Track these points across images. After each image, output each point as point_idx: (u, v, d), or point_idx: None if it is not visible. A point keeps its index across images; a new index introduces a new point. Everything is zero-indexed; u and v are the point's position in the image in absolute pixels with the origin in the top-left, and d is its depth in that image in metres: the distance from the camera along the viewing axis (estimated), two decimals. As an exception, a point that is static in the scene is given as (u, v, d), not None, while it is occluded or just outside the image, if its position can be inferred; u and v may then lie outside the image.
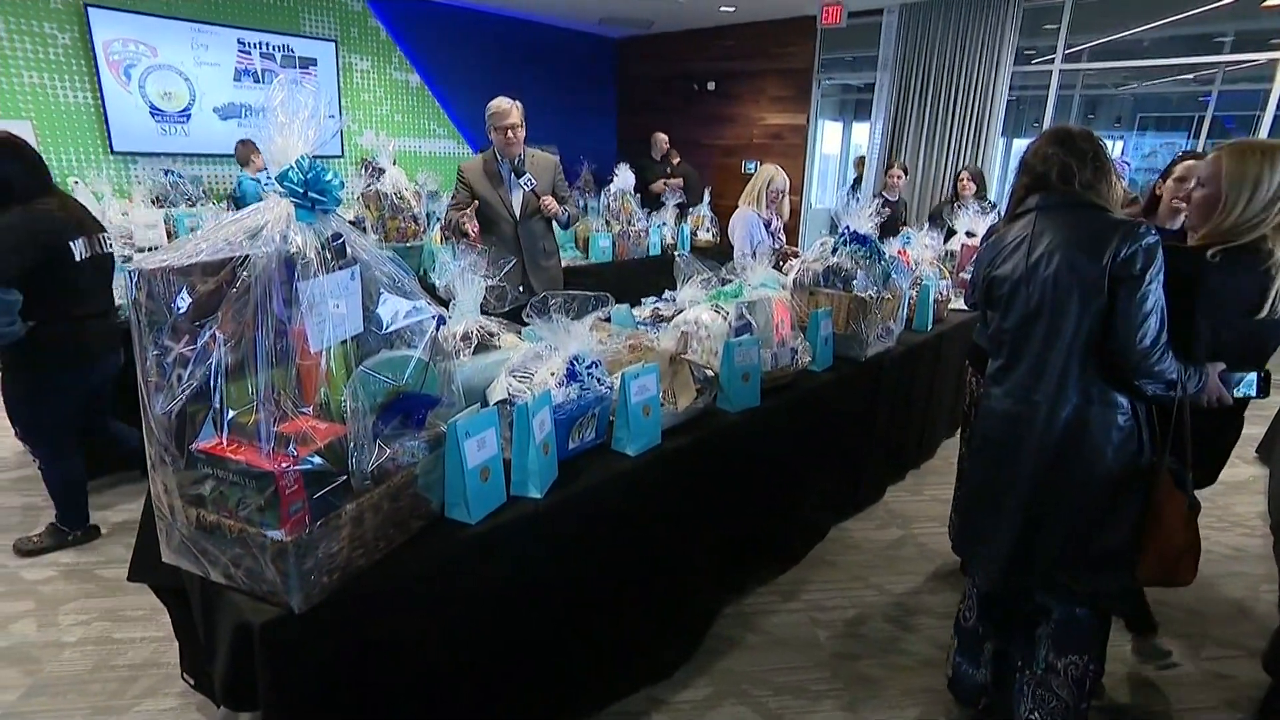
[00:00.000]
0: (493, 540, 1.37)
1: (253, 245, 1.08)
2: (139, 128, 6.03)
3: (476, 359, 1.65)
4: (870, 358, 2.52)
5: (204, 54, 6.31)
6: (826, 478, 2.59)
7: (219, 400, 1.04)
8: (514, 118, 3.12)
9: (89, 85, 5.70)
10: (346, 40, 7.16)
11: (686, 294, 2.25)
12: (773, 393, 2.08)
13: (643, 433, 1.67)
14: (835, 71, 7.81)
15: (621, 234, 5.08)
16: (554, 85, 8.98)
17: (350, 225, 1.24)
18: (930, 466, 3.48)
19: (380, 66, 7.51)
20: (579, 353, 1.59)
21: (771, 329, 2.08)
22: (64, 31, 5.51)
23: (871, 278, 2.39)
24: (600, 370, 1.62)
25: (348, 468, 1.10)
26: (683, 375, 1.83)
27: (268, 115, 1.14)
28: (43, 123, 5.55)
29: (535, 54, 8.74)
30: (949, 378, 3.35)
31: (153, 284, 1.04)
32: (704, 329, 1.97)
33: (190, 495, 1.09)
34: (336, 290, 1.11)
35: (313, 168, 1.12)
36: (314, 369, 1.10)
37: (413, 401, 1.25)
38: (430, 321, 1.29)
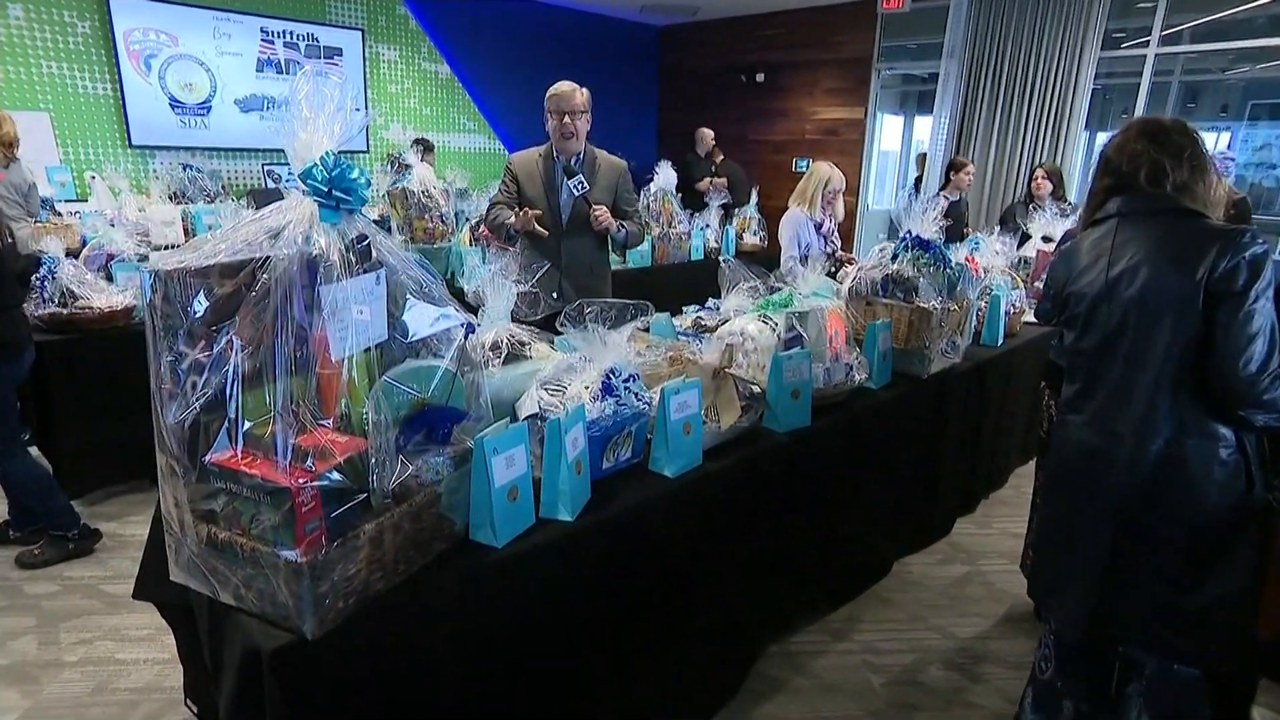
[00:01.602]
0: (520, 565, 1.37)
1: (274, 246, 1.10)
2: (158, 120, 6.28)
3: (506, 370, 1.66)
4: (933, 375, 2.47)
5: (226, 44, 6.54)
6: (884, 506, 2.54)
7: (234, 410, 1.06)
8: (576, 102, 2.87)
9: (108, 76, 5.96)
10: (374, 29, 7.36)
11: (732, 303, 2.24)
12: (825, 412, 2.06)
13: (683, 453, 1.66)
14: (896, 61, 7.72)
15: (662, 237, 5.09)
16: (591, 77, 8.98)
17: (375, 225, 1.26)
18: (1001, 497, 3.38)
19: (409, 57, 7.69)
20: (615, 365, 1.58)
21: (824, 342, 2.06)
22: (84, 20, 5.77)
23: (935, 287, 2.35)
24: (638, 384, 1.62)
25: (368, 485, 1.11)
26: (727, 391, 1.81)
27: (291, 109, 1.17)
28: (60, 115, 5.81)
29: (572, 44, 8.86)
30: (1022, 399, 3.26)
31: (169, 286, 1.07)
32: (750, 341, 1.96)
33: (201, 510, 1.11)
34: (360, 295, 1.13)
35: (337, 165, 1.14)
36: (335, 378, 1.12)
37: (438, 415, 1.26)
38: (459, 330, 1.30)
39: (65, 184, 5.57)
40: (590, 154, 3.00)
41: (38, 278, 2.92)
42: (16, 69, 5.51)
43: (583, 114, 2.90)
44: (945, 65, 6.96)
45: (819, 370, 2.03)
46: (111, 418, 2.98)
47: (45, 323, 2.90)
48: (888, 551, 2.73)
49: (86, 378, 2.95)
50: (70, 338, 2.92)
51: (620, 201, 3.05)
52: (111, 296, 3.00)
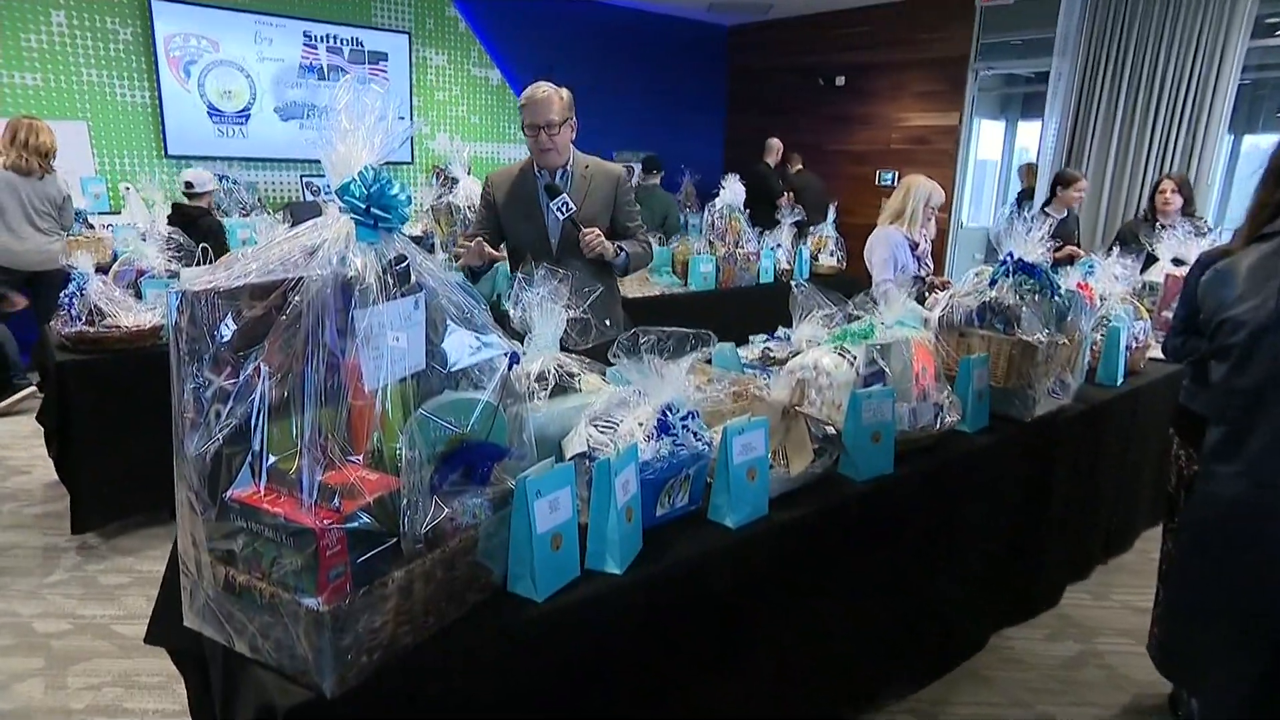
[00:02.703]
0: (562, 621, 1.36)
1: (307, 266, 1.13)
2: (195, 129, 6.64)
3: (553, 403, 1.67)
4: (1038, 418, 2.40)
5: (267, 48, 6.90)
6: (981, 570, 2.45)
7: (259, 442, 1.09)
8: (552, 113, 2.66)
9: (148, 84, 6.34)
10: (421, 32, 7.65)
11: (804, 332, 2.21)
12: (910, 458, 2.01)
13: (746, 501, 1.63)
14: (997, 59, 7.60)
15: (727, 257, 5.09)
16: (653, 82, 9.24)
17: (415, 244, 1.29)
18: (1123, 563, 3.23)
19: (458, 62, 7.97)
20: (673, 401, 1.57)
21: (910, 378, 2.02)
22: (126, 26, 6.17)
23: (1041, 317, 2.28)
24: (697, 423, 1.60)
25: (398, 528, 1.12)
26: (798, 432, 1.79)
27: (329, 119, 1.21)
28: (98, 124, 6.20)
29: (633, 45, 9.04)
30: (1148, 448, 3.12)
31: (196, 307, 1.11)
32: (825, 376, 1.93)
33: (219, 551, 1.14)
34: (397, 320, 1.15)
35: (377, 180, 1.17)
36: (367, 410, 1.14)
37: (477, 452, 1.27)
38: (502, 359, 1.32)
39: (100, 196, 5.93)
40: (578, 164, 2.82)
41: (66, 294, 3.10)
42: (57, 77, 5.92)
43: (563, 124, 2.71)
44: (1056, 63, 6.79)
45: (903, 410, 1.99)
46: (134, 444, 3.11)
47: (71, 341, 3.06)
48: (983, 622, 2.63)
49: (110, 401, 3.10)
50: (95, 358, 3.07)
51: (620, 216, 2.88)
52: (139, 315, 3.15)
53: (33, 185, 4.63)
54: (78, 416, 3.08)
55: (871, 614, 2.07)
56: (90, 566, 3.05)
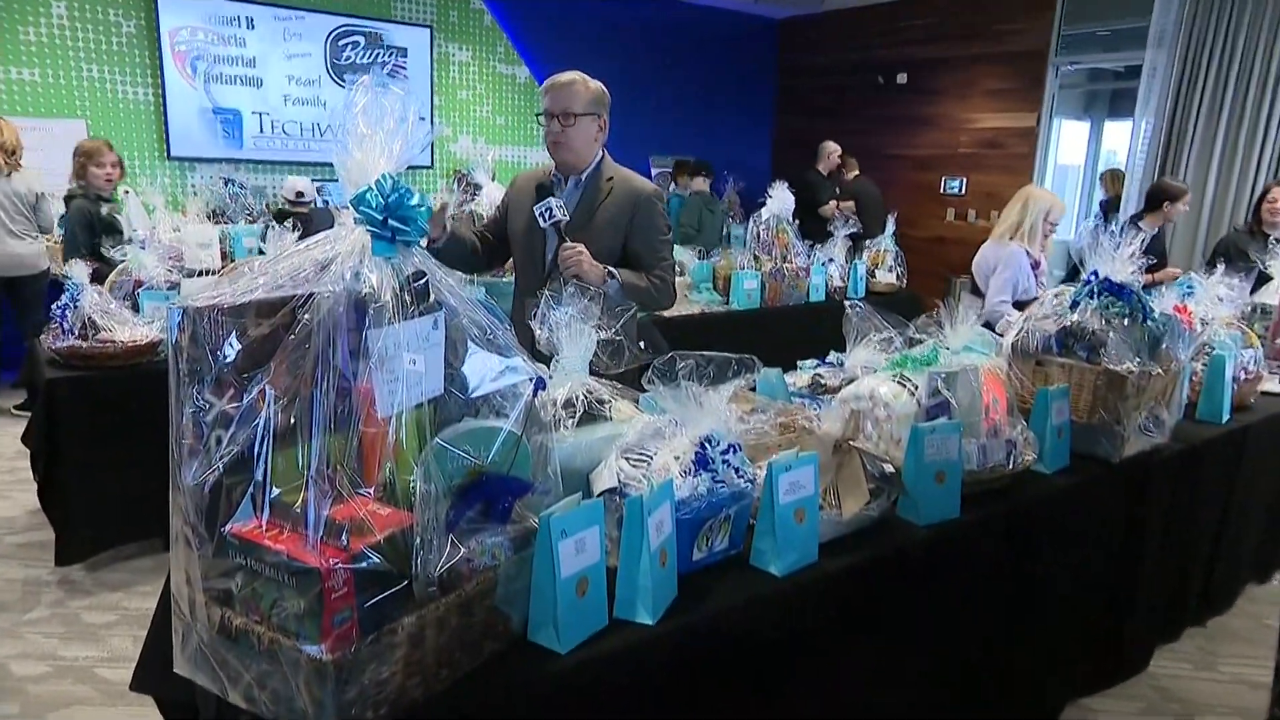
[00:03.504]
0: (587, 676, 1.35)
1: (318, 281, 1.16)
2: (200, 129, 6.85)
3: (580, 433, 1.67)
4: (1128, 459, 2.35)
5: (277, 43, 7.12)
6: (1058, 628, 2.40)
7: (262, 472, 1.11)
8: (572, 100, 2.56)
9: (151, 80, 6.56)
10: (444, 26, 7.82)
11: (859, 357, 2.21)
12: (979, 501, 1.99)
13: (793, 545, 1.62)
14: (1082, 52, 7.53)
15: (774, 273, 5.09)
16: (695, 82, 9.33)
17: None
18: (1226, 626, 3.13)
19: (482, 58, 8.13)
20: (712, 432, 1.57)
21: (979, 411, 2.00)
22: (129, 19, 6.40)
23: (1131, 344, 2.25)
24: (739, 457, 1.60)
25: (411, 569, 1.13)
26: (851, 469, 1.77)
27: (346, 125, 1.24)
28: (97, 122, 6.41)
29: (673, 41, 9.14)
30: (1256, 494, 3.05)
31: (198, 324, 1.14)
32: (883, 407, 1.92)
33: (216, 590, 1.16)
34: (414, 341, 1.17)
35: (395, 190, 1.20)
36: (379, 439, 1.15)
37: (497, 486, 1.28)
38: (526, 384, 1.33)
39: (97, 201, 6.08)
40: (602, 173, 2.70)
41: (58, 306, 3.19)
42: (55, 73, 6.14)
43: (586, 116, 2.58)
44: (1150, 56, 6.69)
45: (971, 447, 1.97)
46: (125, 470, 3.18)
47: (62, 357, 3.15)
48: (1060, 688, 2.57)
49: (101, 421, 3.18)
50: (86, 375, 3.16)
51: (634, 242, 2.66)
52: (136, 329, 3.24)
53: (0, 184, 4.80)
54: (66, 438, 3.16)
55: (931, 675, 2.03)
56: (74, 603, 3.12)
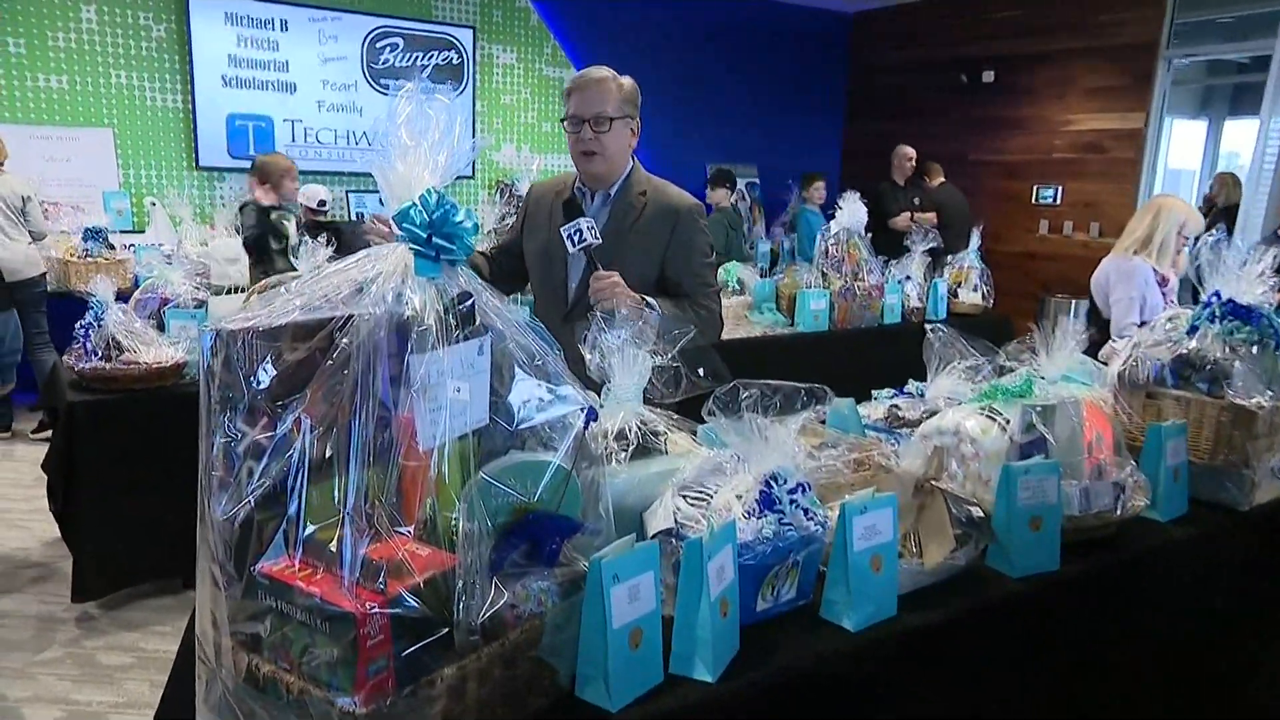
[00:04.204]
0: (638, 740, 1.35)
1: (358, 303, 1.19)
2: (229, 137, 7.08)
3: (634, 468, 1.68)
4: (1259, 507, 2.28)
5: (311, 46, 7.34)
6: (1172, 699, 2.32)
7: (296, 507, 1.13)
8: (604, 102, 2.43)
9: (180, 87, 6.81)
10: (487, 26, 7.99)
11: (942, 387, 2.17)
12: (1081, 551, 1.94)
13: (869, 597, 1.60)
14: (1198, 43, 7.36)
15: (844, 292, 5.06)
16: (757, 83, 9.39)
17: (480, 277, 1.33)
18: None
19: (528, 60, 8.28)
20: (779, 469, 1.56)
21: (1080, 450, 1.96)
22: (160, 22, 6.66)
23: (1261, 374, 2.19)
24: (808, 497, 1.58)
25: (452, 615, 1.15)
26: (934, 513, 1.75)
27: (388, 136, 1.27)
28: (124, 131, 6.68)
29: (734, 40, 9.21)
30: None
31: (232, 349, 1.17)
32: (969, 443, 1.89)
33: (244, 635, 1.18)
34: (459, 368, 1.19)
35: (440, 205, 1.22)
36: (421, 473, 1.17)
37: (545, 525, 1.29)
38: (577, 415, 1.34)
39: (123, 212, 6.36)
40: (634, 186, 2.59)
41: (82, 325, 3.31)
42: (83, 79, 6.41)
43: (617, 121, 2.46)
44: (1284, 47, 6.49)
45: (1072, 490, 1.92)
46: (146, 500, 3.28)
47: (85, 378, 3.27)
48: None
49: (121, 448, 3.29)
50: (107, 397, 3.27)
51: (673, 266, 2.56)
52: (161, 349, 3.35)
53: None
54: (85, 466, 3.27)
55: (1028, 748, 1.98)
56: (89, 642, 3.21)
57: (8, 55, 6.14)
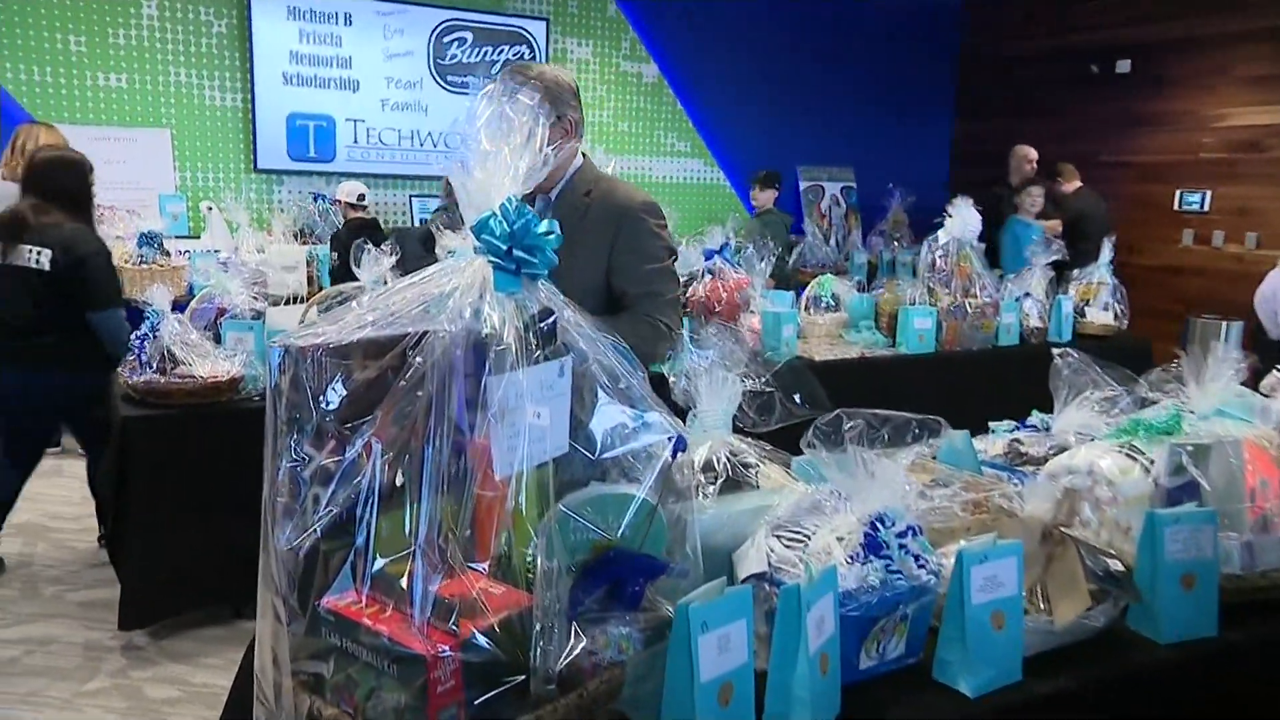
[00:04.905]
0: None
1: (433, 319, 1.21)
2: (288, 138, 7.30)
3: (723, 503, 1.67)
4: None
5: (376, 42, 7.54)
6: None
7: (364, 538, 1.16)
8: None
9: (240, 85, 7.07)
10: (561, 18, 8.12)
11: (1072, 419, 2.14)
12: (1244, 615, 1.85)
13: (989, 658, 1.56)
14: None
15: (954, 309, 4.97)
16: (854, 78, 9.34)
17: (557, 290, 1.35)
18: None
19: (604, 54, 8.38)
20: (886, 510, 1.54)
21: (1241, 496, 1.88)
22: (221, 18, 6.93)
23: None
24: (920, 542, 1.55)
25: (528, 659, 1.15)
26: (1065, 565, 1.69)
27: (467, 140, 1.30)
28: (182, 132, 6.95)
29: (828, 31, 9.19)
30: None
31: (301, 367, 1.21)
32: (1106, 485, 1.84)
33: (305, 675, 1.21)
34: (538, 391, 1.20)
35: (521, 215, 1.24)
36: (497, 505, 1.19)
37: (627, 565, 1.30)
38: (664, 445, 1.34)
39: (179, 216, 6.60)
40: (574, 186, 2.58)
41: (138, 336, 3.44)
42: (142, 78, 6.70)
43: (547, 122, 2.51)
44: None
45: (1232, 544, 1.85)
46: (196, 522, 3.38)
47: (139, 393, 3.39)
48: None
49: (173, 467, 3.40)
50: (160, 413, 3.38)
51: (616, 276, 2.54)
52: (217, 363, 3.45)
53: None
54: (137, 485, 3.38)
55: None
56: (135, 673, 3.32)
57: (68, 54, 6.45)
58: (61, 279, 3.79)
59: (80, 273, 3.78)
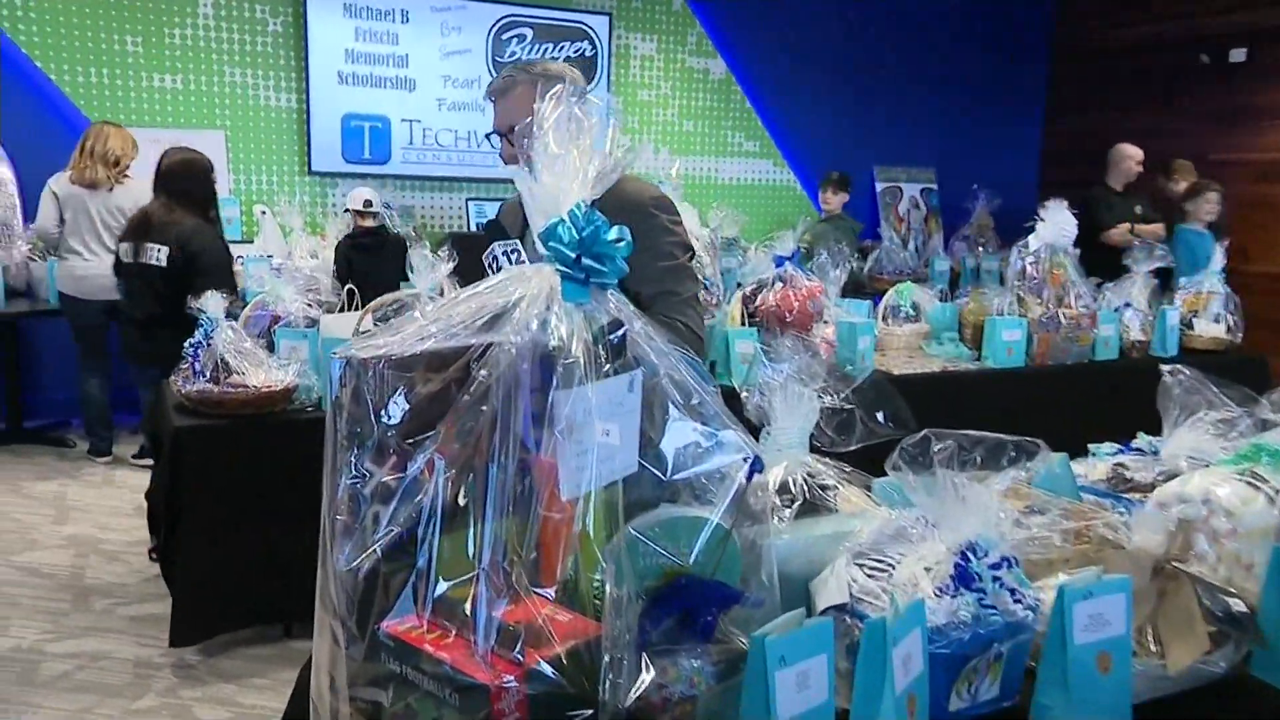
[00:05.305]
0: None
1: (498, 330, 1.21)
2: (344, 140, 7.44)
3: (799, 528, 1.66)
4: None
5: (433, 39, 7.65)
6: None
7: (426, 559, 1.16)
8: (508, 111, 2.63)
9: (295, 85, 7.22)
10: (625, 13, 8.16)
11: (1183, 442, 2.08)
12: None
13: (1094, 704, 1.51)
14: None
15: (1046, 321, 4.88)
16: (935, 71, 9.23)
17: (626, 299, 1.34)
18: None
19: (669, 50, 8.40)
20: (978, 538, 1.50)
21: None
22: (276, 16, 7.09)
23: None
24: (1015, 574, 1.52)
25: (596, 692, 1.15)
26: (1179, 603, 1.65)
27: (534, 144, 1.30)
28: (236, 134, 7.12)
29: (909, 22, 9.11)
30: None
31: (363, 380, 1.22)
32: (1224, 516, 1.78)
33: (363, 702, 1.22)
34: (607, 407, 1.20)
35: (590, 222, 1.24)
36: (563, 527, 1.18)
37: (700, 593, 1.28)
38: (739, 465, 1.33)
39: (232, 220, 6.75)
40: None
41: (191, 344, 3.52)
42: (197, 79, 6.88)
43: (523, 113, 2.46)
44: None
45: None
46: (246, 537, 3.44)
47: (191, 402, 3.47)
48: None
49: (225, 479, 3.47)
50: (214, 423, 3.45)
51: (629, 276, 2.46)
52: (271, 372, 3.51)
53: (101, 198, 5.51)
54: (190, 497, 3.46)
55: None
56: (185, 692, 3.39)
57: (124, 54, 6.66)
58: (177, 275, 4.11)
59: (193, 268, 4.06)
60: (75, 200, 5.46)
